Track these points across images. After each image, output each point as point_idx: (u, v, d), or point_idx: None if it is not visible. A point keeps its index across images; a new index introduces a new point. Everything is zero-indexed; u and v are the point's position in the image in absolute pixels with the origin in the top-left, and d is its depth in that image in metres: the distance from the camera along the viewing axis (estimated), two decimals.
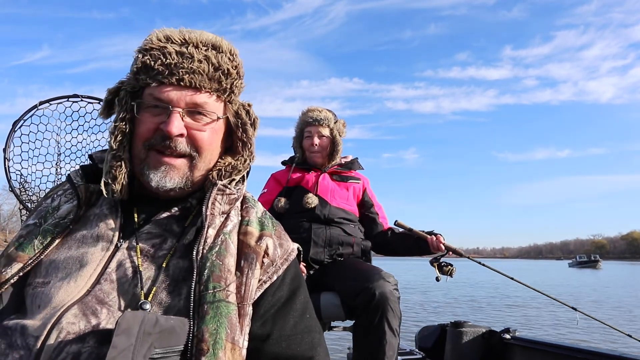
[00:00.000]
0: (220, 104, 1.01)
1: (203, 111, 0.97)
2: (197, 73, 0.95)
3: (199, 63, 0.95)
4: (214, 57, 0.97)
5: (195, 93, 0.96)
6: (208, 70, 0.96)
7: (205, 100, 0.97)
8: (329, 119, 2.75)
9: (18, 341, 0.79)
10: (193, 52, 0.95)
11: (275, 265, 0.97)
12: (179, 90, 0.95)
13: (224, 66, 0.98)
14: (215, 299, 0.85)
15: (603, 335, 7.78)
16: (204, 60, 0.96)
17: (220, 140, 1.03)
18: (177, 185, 0.97)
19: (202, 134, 0.97)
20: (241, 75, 1.03)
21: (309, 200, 2.61)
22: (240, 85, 1.04)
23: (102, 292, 0.86)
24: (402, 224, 2.76)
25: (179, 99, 0.95)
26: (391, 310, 2.24)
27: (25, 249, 0.92)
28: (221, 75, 0.98)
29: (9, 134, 2.17)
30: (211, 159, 1.01)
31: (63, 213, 0.98)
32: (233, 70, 1.00)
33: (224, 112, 1.02)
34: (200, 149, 0.98)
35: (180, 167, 0.97)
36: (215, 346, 0.80)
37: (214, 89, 0.98)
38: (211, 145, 1.00)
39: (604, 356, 2.55)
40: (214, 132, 1.00)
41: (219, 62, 0.97)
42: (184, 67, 0.94)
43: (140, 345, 0.73)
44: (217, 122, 1.00)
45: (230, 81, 1.00)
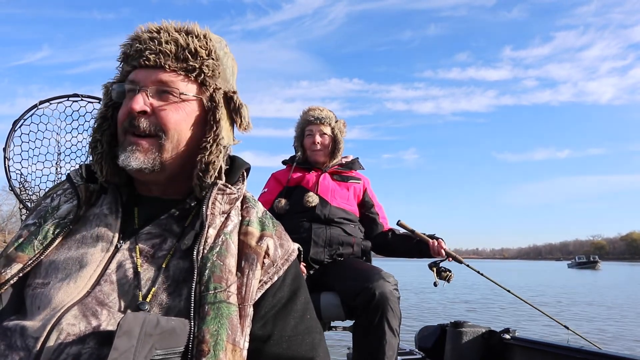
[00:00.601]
0: (192, 85, 1.00)
1: (169, 89, 0.97)
2: (162, 53, 0.97)
3: (166, 44, 0.97)
4: (182, 39, 0.98)
5: (160, 72, 0.97)
6: (176, 50, 0.97)
7: (172, 79, 0.97)
8: (330, 117, 2.76)
9: (18, 342, 0.78)
10: (162, 36, 0.98)
11: (276, 265, 0.97)
12: (146, 70, 0.97)
13: (191, 46, 0.99)
14: (216, 300, 0.84)
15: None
16: (172, 41, 0.98)
17: (192, 124, 1.00)
18: (142, 165, 0.95)
19: (167, 112, 0.97)
20: (216, 58, 1.02)
21: (310, 199, 2.61)
22: (214, 66, 1.01)
23: (102, 293, 0.86)
24: (405, 225, 2.76)
25: (145, 78, 0.97)
26: (391, 310, 2.24)
27: (25, 249, 0.92)
28: (188, 55, 0.98)
29: (9, 134, 2.17)
30: (179, 140, 0.98)
31: (63, 213, 0.98)
32: (202, 50, 1.00)
33: (196, 93, 1.00)
34: (165, 128, 0.96)
35: (145, 146, 0.96)
36: (216, 347, 0.80)
37: (180, 68, 0.98)
38: (178, 125, 0.98)
39: (604, 356, 2.55)
40: (182, 113, 0.98)
41: (186, 43, 0.98)
42: (151, 49, 0.96)
43: (142, 347, 0.73)
44: (185, 103, 0.99)
45: (200, 61, 0.99)
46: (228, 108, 1.04)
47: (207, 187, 0.99)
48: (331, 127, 2.76)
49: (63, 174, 2.28)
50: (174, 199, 1.02)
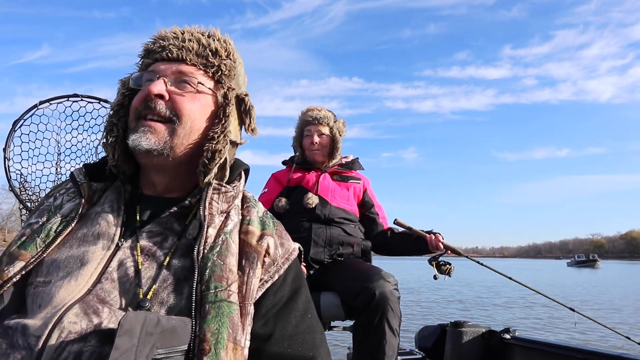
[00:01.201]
0: (209, 80, 1.04)
1: (188, 79, 1.01)
2: (185, 48, 1.03)
3: (189, 42, 1.03)
4: (204, 39, 1.05)
5: (181, 64, 1.02)
6: (198, 48, 1.03)
7: (191, 71, 1.02)
8: (329, 117, 2.76)
9: (19, 341, 0.78)
10: (186, 35, 1.04)
11: (277, 264, 0.97)
12: (167, 62, 1.02)
13: (212, 45, 1.05)
14: (217, 299, 0.85)
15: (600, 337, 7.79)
16: (194, 40, 1.04)
17: (204, 116, 1.03)
18: (153, 146, 0.96)
19: (183, 99, 1.00)
20: (233, 59, 1.07)
21: (310, 200, 2.61)
22: (232, 67, 1.07)
23: (104, 291, 0.86)
24: (402, 223, 2.76)
25: (166, 69, 1.01)
26: (391, 310, 2.24)
27: (27, 247, 0.92)
28: (209, 53, 1.04)
29: (9, 134, 2.17)
30: (192, 128, 1.00)
31: (65, 211, 0.98)
32: (222, 51, 1.05)
33: (213, 89, 1.05)
34: (180, 114, 0.98)
35: (159, 129, 0.98)
36: (217, 346, 0.80)
37: (200, 63, 1.03)
38: (192, 113, 1.00)
39: (604, 356, 2.56)
40: (197, 100, 1.01)
41: (208, 43, 1.04)
42: (174, 44, 1.02)
43: (143, 346, 0.73)
44: (201, 95, 1.02)
45: (219, 60, 1.05)
46: (239, 108, 1.08)
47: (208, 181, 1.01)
48: (330, 127, 2.76)
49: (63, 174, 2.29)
50: (175, 197, 1.02)
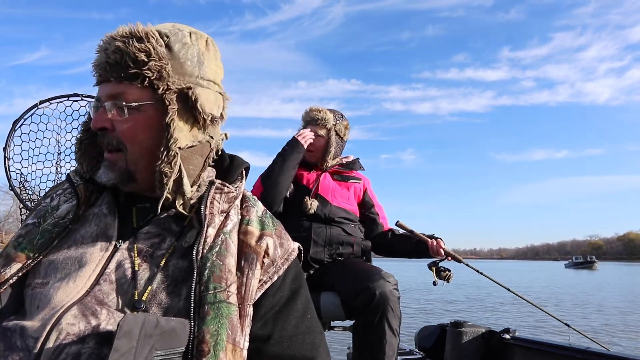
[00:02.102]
0: (143, 91, 0.96)
1: (119, 102, 0.95)
2: (109, 65, 0.95)
3: (113, 54, 0.95)
4: (123, 45, 0.94)
5: (111, 86, 0.96)
6: (120, 60, 0.94)
7: (119, 91, 0.95)
8: (326, 119, 2.74)
9: (17, 342, 0.78)
10: (110, 47, 0.95)
11: (276, 265, 0.97)
12: (102, 86, 0.98)
13: (130, 51, 0.95)
14: (216, 300, 0.84)
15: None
16: (116, 51, 0.95)
17: (150, 131, 0.97)
18: (111, 180, 0.97)
19: (122, 125, 0.96)
20: (160, 57, 0.96)
21: (309, 207, 2.60)
22: (157, 67, 0.96)
23: (102, 292, 0.85)
24: (404, 225, 2.76)
25: (102, 95, 0.97)
26: (391, 310, 2.24)
27: (24, 249, 0.92)
28: (129, 62, 0.94)
29: (9, 133, 2.17)
30: (141, 150, 0.97)
31: (62, 213, 0.98)
32: (140, 53, 0.95)
33: (149, 99, 0.96)
34: (125, 141, 0.96)
35: (114, 161, 0.97)
36: (216, 347, 0.80)
37: (124, 77, 0.95)
38: (135, 137, 0.96)
39: (604, 356, 2.55)
40: (135, 122, 0.96)
41: (126, 50, 0.94)
42: (101, 63, 0.96)
43: (142, 348, 0.73)
44: (140, 111, 0.96)
45: (140, 66, 0.94)
46: (187, 105, 0.99)
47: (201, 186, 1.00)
48: (327, 129, 2.74)
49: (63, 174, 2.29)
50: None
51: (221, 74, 1.07)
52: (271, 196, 2.55)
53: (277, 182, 2.56)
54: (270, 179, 2.56)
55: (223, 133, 1.10)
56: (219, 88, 1.06)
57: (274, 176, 2.56)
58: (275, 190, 2.56)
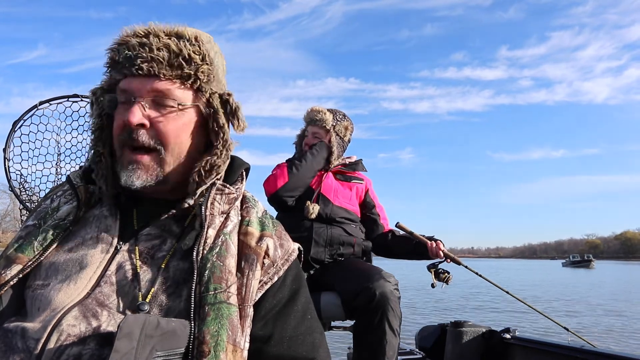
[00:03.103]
0: (188, 92, 0.97)
1: (165, 100, 0.94)
2: (155, 61, 0.93)
3: (158, 51, 0.93)
4: (174, 44, 0.94)
5: (155, 81, 0.93)
6: (168, 57, 0.93)
7: (168, 87, 0.94)
8: (325, 120, 2.73)
9: (18, 344, 0.78)
10: (153, 41, 0.94)
11: (276, 266, 0.97)
12: (139, 80, 0.93)
13: (184, 52, 0.95)
14: (216, 301, 0.84)
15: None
16: (164, 47, 0.94)
17: (191, 134, 0.98)
18: (146, 183, 0.95)
19: (165, 124, 0.94)
20: (209, 62, 0.99)
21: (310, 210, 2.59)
22: (208, 71, 0.98)
23: (102, 294, 0.85)
24: (403, 227, 2.77)
25: (140, 89, 0.93)
26: (391, 310, 2.24)
27: (24, 250, 0.91)
28: (182, 62, 0.94)
29: (9, 134, 2.17)
30: (180, 152, 0.97)
31: (62, 214, 0.98)
32: (196, 56, 0.96)
33: (193, 101, 0.98)
34: (165, 141, 0.95)
35: (147, 163, 0.95)
36: (216, 348, 0.80)
37: (175, 75, 0.94)
38: (178, 137, 0.96)
39: (604, 356, 2.55)
40: (180, 123, 0.96)
41: (179, 49, 0.94)
42: (142, 57, 0.93)
43: (142, 349, 0.73)
44: (184, 112, 0.96)
45: (195, 67, 0.96)
46: (225, 110, 1.02)
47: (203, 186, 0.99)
48: (326, 130, 2.73)
49: (63, 175, 2.29)
50: (173, 200, 1.00)
51: None
52: (295, 184, 2.58)
53: (304, 174, 2.60)
54: (298, 171, 2.58)
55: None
56: None
57: (303, 168, 2.59)
58: (300, 180, 2.60)
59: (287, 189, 2.56)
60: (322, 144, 2.69)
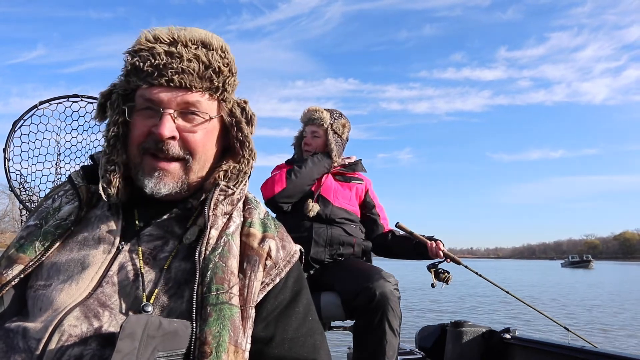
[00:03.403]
0: (214, 102, 0.98)
1: (195, 111, 0.95)
2: (186, 73, 0.92)
3: (189, 62, 0.92)
4: (203, 55, 0.94)
5: (186, 93, 0.93)
6: (198, 69, 0.93)
7: (198, 99, 0.94)
8: (323, 119, 2.73)
9: (20, 344, 0.78)
10: (182, 51, 0.92)
11: (278, 267, 0.97)
12: (169, 91, 0.92)
13: (214, 64, 0.95)
14: (218, 301, 0.84)
15: None
16: (194, 59, 0.93)
17: (215, 141, 1.00)
18: (172, 190, 0.95)
19: (194, 135, 0.95)
20: (234, 72, 1.00)
21: (310, 207, 2.60)
22: (234, 82, 1.00)
23: (104, 294, 0.85)
24: (403, 227, 2.77)
25: (170, 100, 0.93)
26: (391, 310, 2.24)
27: (26, 250, 0.91)
28: (212, 74, 0.95)
29: (9, 134, 2.17)
30: (206, 160, 0.99)
31: (64, 214, 0.98)
32: (225, 68, 0.97)
33: (217, 111, 0.99)
34: (194, 152, 0.96)
35: (174, 171, 0.95)
36: (218, 349, 0.80)
37: (205, 88, 0.95)
38: (205, 147, 0.97)
39: (604, 356, 2.55)
40: (207, 133, 0.97)
41: (209, 60, 0.94)
42: (173, 68, 0.91)
43: (144, 349, 0.73)
44: (210, 122, 0.97)
45: (223, 79, 0.97)
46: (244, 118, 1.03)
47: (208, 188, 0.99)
48: (324, 129, 2.73)
49: (63, 175, 2.29)
50: (174, 200, 1.00)
51: None
52: (292, 191, 2.58)
53: (302, 182, 2.59)
54: (297, 177, 2.58)
55: None
56: None
57: (302, 175, 2.59)
58: (297, 187, 2.59)
59: (284, 195, 2.56)
60: (325, 154, 2.70)
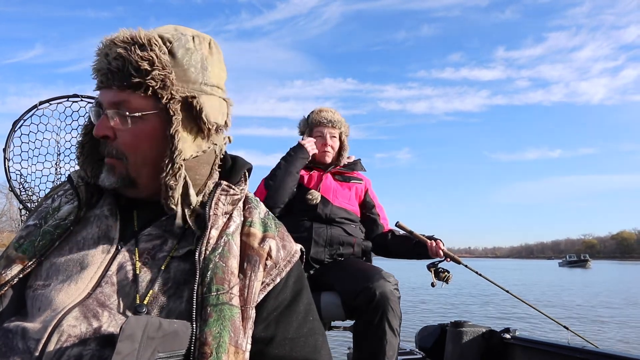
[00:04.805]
0: (147, 100, 0.93)
1: (122, 110, 0.93)
2: (111, 72, 0.92)
3: (114, 61, 0.92)
4: (124, 52, 0.91)
5: (114, 93, 0.93)
6: (122, 67, 0.91)
7: (122, 99, 0.93)
8: (341, 122, 2.79)
9: (19, 344, 0.78)
10: (112, 52, 0.92)
11: (279, 267, 0.97)
12: (103, 91, 0.95)
13: (132, 59, 0.92)
14: (219, 302, 0.84)
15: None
16: (118, 57, 0.92)
17: (153, 141, 0.95)
18: (114, 184, 0.96)
19: (125, 135, 0.94)
20: (164, 65, 0.93)
21: (312, 196, 2.61)
22: (161, 76, 0.93)
23: (103, 295, 0.85)
24: (403, 226, 2.77)
25: (105, 101, 0.94)
26: (391, 310, 2.24)
27: (25, 250, 0.91)
28: (131, 70, 0.91)
29: (9, 134, 2.17)
30: (144, 160, 0.95)
31: (63, 214, 0.97)
32: (144, 62, 0.92)
33: (153, 108, 0.94)
34: (126, 152, 0.95)
35: (115, 166, 0.96)
36: (218, 350, 0.80)
37: (126, 85, 0.93)
38: (137, 147, 0.94)
39: (604, 356, 2.55)
40: (139, 131, 0.94)
41: (128, 57, 0.91)
42: (102, 69, 0.93)
43: (144, 350, 0.73)
44: (144, 120, 0.94)
45: (143, 75, 0.91)
46: (191, 114, 0.97)
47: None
48: (340, 131, 2.79)
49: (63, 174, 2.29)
50: None
51: (224, 76, 1.06)
52: (273, 199, 2.55)
53: (280, 186, 2.56)
54: (274, 183, 2.56)
55: (227, 137, 1.09)
56: (222, 93, 1.04)
57: (278, 180, 2.57)
58: (277, 194, 2.56)
59: (267, 202, 2.51)
60: (297, 145, 2.68)
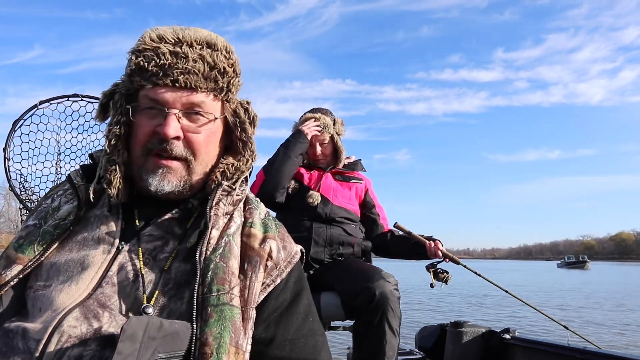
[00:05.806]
0: (218, 103, 0.99)
1: (200, 112, 0.95)
2: (192, 73, 0.92)
3: (194, 62, 0.92)
4: (209, 55, 0.94)
5: (191, 93, 0.93)
6: (203, 69, 0.93)
7: (202, 100, 0.95)
8: (328, 125, 2.73)
9: (19, 344, 0.78)
10: (187, 52, 0.93)
11: (279, 268, 0.96)
12: (174, 91, 0.93)
13: (219, 65, 0.95)
14: (219, 302, 0.84)
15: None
16: (199, 59, 0.93)
17: (218, 141, 1.01)
18: (175, 188, 0.95)
19: (198, 136, 0.95)
20: (238, 73, 1.01)
21: (312, 197, 2.60)
22: (238, 83, 1.01)
23: (104, 295, 0.85)
24: (402, 227, 2.77)
25: (175, 100, 0.93)
26: (391, 310, 2.24)
27: (25, 250, 0.91)
28: (217, 74, 0.95)
29: (9, 134, 2.17)
30: (208, 160, 0.99)
31: (63, 214, 0.97)
32: (229, 69, 0.97)
33: (221, 111, 1.00)
34: (197, 152, 0.96)
35: (177, 169, 0.95)
36: (219, 350, 0.80)
37: (210, 88, 0.95)
38: (207, 147, 0.98)
39: (604, 356, 2.56)
40: (211, 133, 0.98)
41: (214, 61, 0.94)
42: (179, 68, 0.92)
43: (145, 351, 0.73)
44: (214, 122, 0.98)
45: (227, 80, 0.97)
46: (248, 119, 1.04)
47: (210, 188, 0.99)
48: (330, 134, 2.74)
49: (63, 174, 2.29)
50: (175, 200, 1.00)
51: None
52: (272, 184, 2.55)
53: (279, 169, 2.56)
54: (272, 167, 2.56)
55: None
56: None
57: (277, 164, 2.56)
58: (276, 178, 2.55)
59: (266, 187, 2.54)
60: (297, 130, 2.66)
